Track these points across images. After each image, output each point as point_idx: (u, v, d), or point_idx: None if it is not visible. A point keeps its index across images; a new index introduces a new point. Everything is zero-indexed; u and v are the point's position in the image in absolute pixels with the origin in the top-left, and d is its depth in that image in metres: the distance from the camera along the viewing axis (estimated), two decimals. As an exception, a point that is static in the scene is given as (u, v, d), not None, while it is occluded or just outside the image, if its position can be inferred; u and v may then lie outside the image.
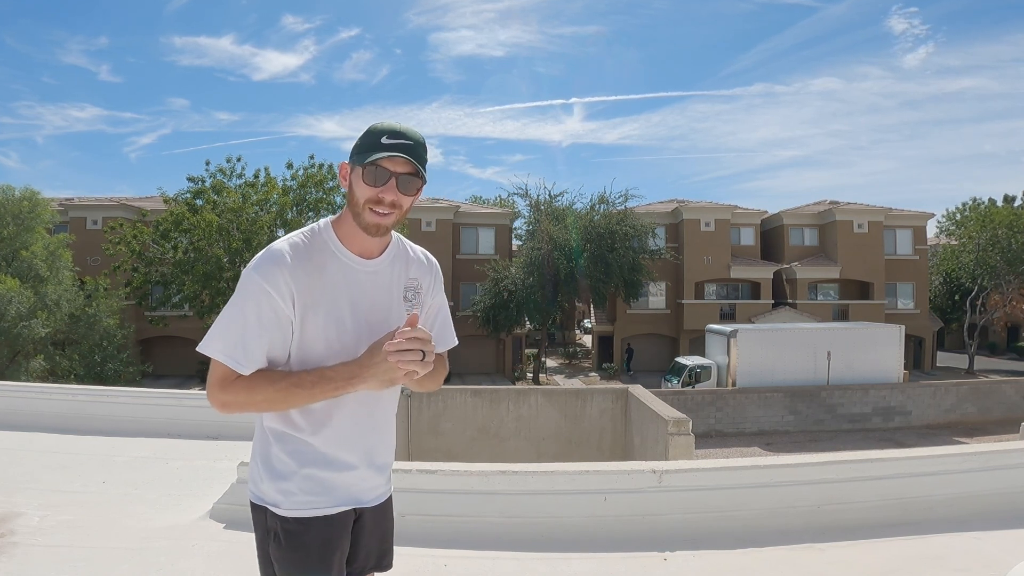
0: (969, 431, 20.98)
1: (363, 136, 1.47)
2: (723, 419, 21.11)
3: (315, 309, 1.47)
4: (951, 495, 3.64)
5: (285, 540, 1.54)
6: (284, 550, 1.54)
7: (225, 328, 1.45)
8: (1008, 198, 40.73)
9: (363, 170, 1.45)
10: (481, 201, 45.59)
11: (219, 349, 1.44)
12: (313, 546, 1.56)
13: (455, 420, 10.76)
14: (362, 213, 1.47)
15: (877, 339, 23.19)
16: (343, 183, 1.52)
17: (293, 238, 1.52)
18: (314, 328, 1.48)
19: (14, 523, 3.59)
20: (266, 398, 1.45)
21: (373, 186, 1.44)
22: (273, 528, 1.55)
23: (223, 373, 1.46)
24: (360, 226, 1.49)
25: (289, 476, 1.55)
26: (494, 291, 28.38)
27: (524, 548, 3.28)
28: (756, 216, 34.25)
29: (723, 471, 3.63)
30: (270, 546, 1.56)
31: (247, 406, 1.47)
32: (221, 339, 1.45)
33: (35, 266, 20.36)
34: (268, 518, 1.56)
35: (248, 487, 1.62)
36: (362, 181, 1.45)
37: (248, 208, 21.93)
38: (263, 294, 1.43)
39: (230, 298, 1.49)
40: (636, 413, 10.39)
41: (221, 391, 1.46)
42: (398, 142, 1.43)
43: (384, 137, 1.43)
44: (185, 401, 6.36)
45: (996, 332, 40.85)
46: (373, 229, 1.49)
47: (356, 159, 1.47)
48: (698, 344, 28.23)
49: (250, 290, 1.44)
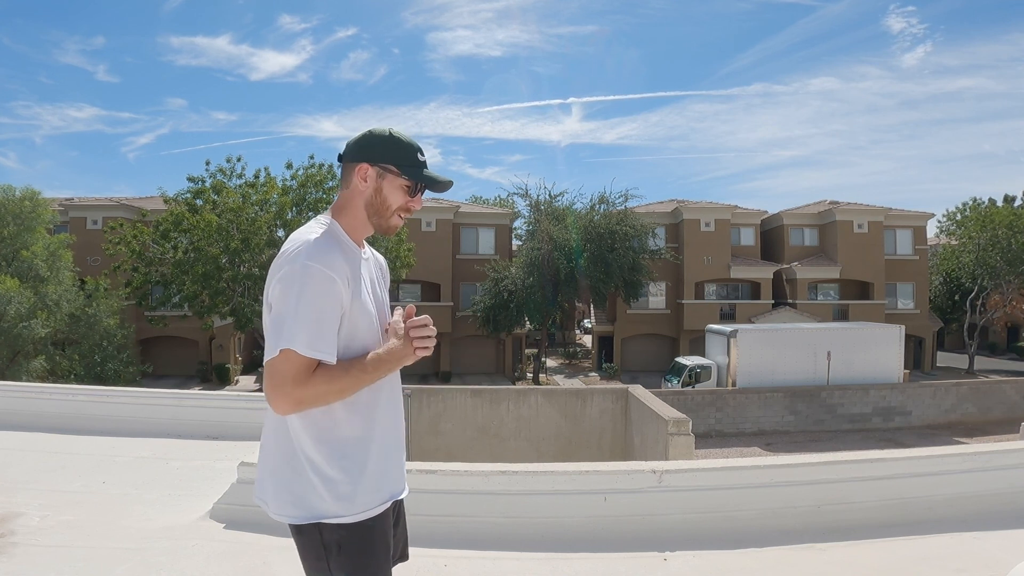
0: (969, 431, 20.97)
1: (392, 144, 1.58)
2: (723, 419, 21.10)
3: (358, 294, 1.54)
4: (951, 495, 3.64)
5: (352, 548, 1.51)
6: (351, 558, 1.51)
7: (304, 321, 1.42)
8: (1008, 198, 40.71)
9: (410, 183, 1.59)
10: (481, 201, 45.57)
11: (305, 343, 1.41)
12: (380, 546, 1.55)
13: (455, 420, 10.76)
14: (391, 218, 1.61)
15: (877, 339, 23.19)
16: (360, 184, 1.59)
17: (319, 229, 1.54)
18: (359, 311, 1.54)
19: (14, 523, 3.59)
20: (340, 387, 1.45)
21: (410, 197, 1.60)
22: (334, 541, 1.50)
23: (300, 367, 1.41)
24: (382, 228, 1.62)
25: (352, 479, 1.52)
26: (494, 291, 28.36)
27: (524, 548, 3.28)
28: (756, 216, 34.25)
29: (723, 471, 3.63)
30: (331, 562, 1.51)
31: (320, 399, 1.45)
32: (305, 332, 1.41)
33: (35, 266, 20.36)
34: (324, 533, 1.51)
35: (286, 509, 1.52)
36: (400, 190, 1.59)
37: (248, 208, 21.93)
38: (329, 282, 1.44)
39: (283, 292, 1.44)
40: (636, 413, 10.39)
41: (298, 387, 1.41)
42: (426, 159, 1.61)
43: (418, 154, 1.60)
44: (185, 401, 6.37)
45: (996, 332, 40.86)
46: (393, 230, 1.64)
47: (399, 169, 1.58)
48: (698, 344, 28.23)
49: (316, 279, 1.43)
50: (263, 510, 1.58)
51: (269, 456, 1.56)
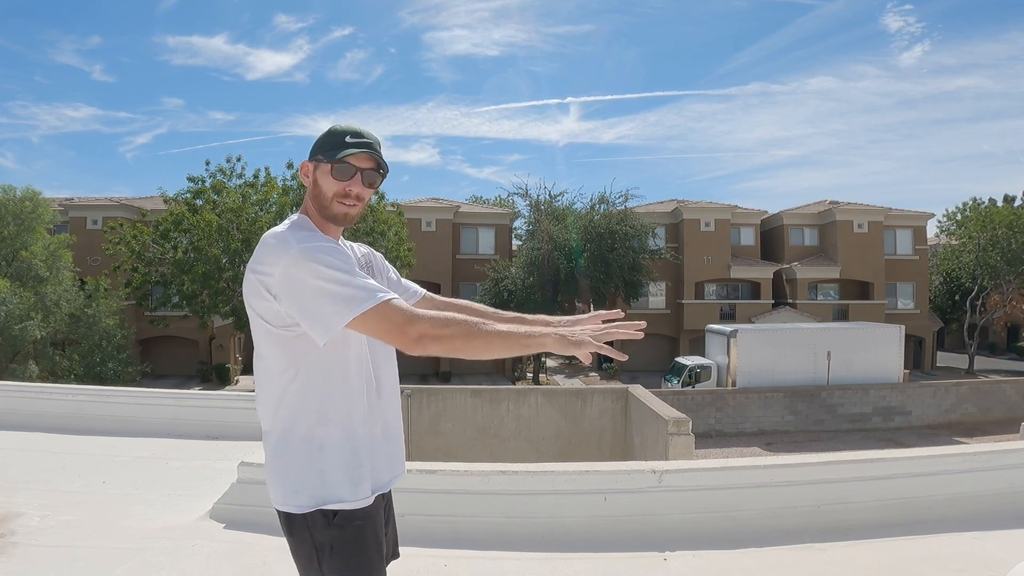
0: (969, 431, 20.97)
1: (325, 136, 1.58)
2: (723, 419, 21.10)
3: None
4: (951, 495, 3.64)
5: (343, 549, 1.48)
6: (343, 559, 1.47)
7: (350, 276, 1.39)
8: (1008, 198, 40.71)
9: (332, 166, 1.55)
10: (481, 201, 45.55)
11: (365, 299, 1.37)
12: (372, 546, 1.53)
13: (455, 420, 10.75)
14: (330, 206, 1.57)
15: (877, 339, 23.19)
16: (305, 180, 1.62)
17: (288, 223, 1.54)
18: None
19: (14, 523, 3.59)
20: (462, 332, 1.38)
21: (341, 180, 1.55)
22: (326, 542, 1.47)
23: (394, 313, 1.37)
24: (328, 217, 1.59)
25: (359, 460, 1.52)
26: (494, 291, 28.36)
27: (524, 548, 3.28)
28: (756, 216, 34.26)
29: (723, 471, 3.63)
30: (322, 564, 1.48)
31: (442, 342, 1.37)
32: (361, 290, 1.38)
33: (34, 266, 20.35)
34: (315, 534, 1.47)
35: (290, 498, 1.50)
36: (330, 176, 1.56)
37: (248, 208, 21.93)
38: (332, 244, 1.46)
39: (301, 274, 1.39)
40: (636, 413, 10.38)
41: (409, 323, 1.37)
42: (361, 140, 1.56)
43: (348, 137, 1.56)
44: (185, 401, 6.37)
45: (996, 332, 40.87)
46: (341, 219, 1.59)
47: (323, 156, 1.56)
48: (698, 344, 28.24)
49: (322, 248, 1.42)
50: (269, 504, 1.56)
51: (272, 446, 1.55)
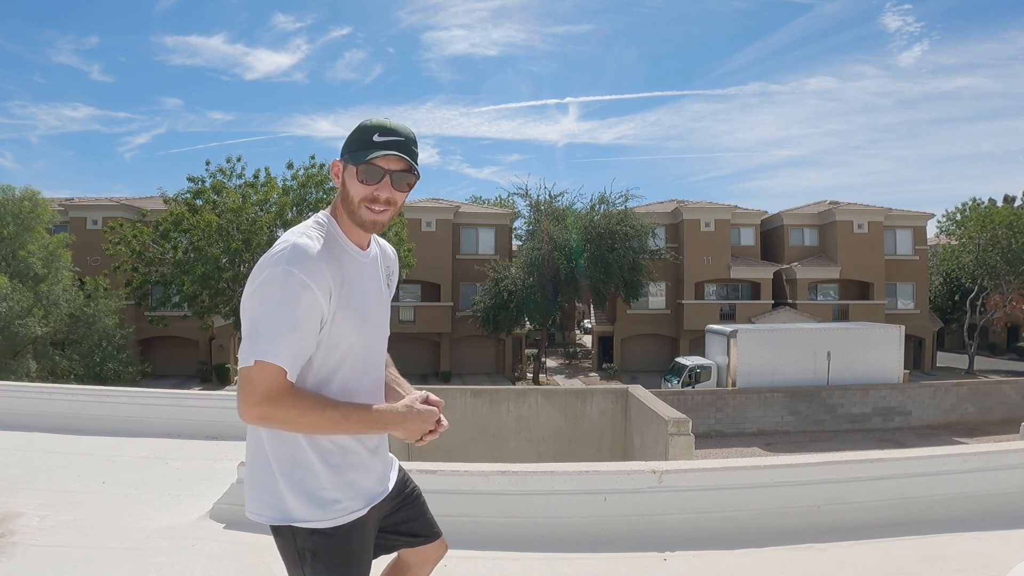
0: (969, 431, 20.96)
1: (354, 133, 1.46)
2: (723, 419, 21.10)
3: (344, 303, 1.44)
4: (951, 495, 3.64)
5: (326, 557, 1.44)
6: (326, 566, 1.45)
7: (279, 331, 1.32)
8: (1008, 198, 40.74)
9: (357, 169, 1.43)
10: (481, 201, 45.56)
11: (285, 356, 1.32)
12: (357, 554, 1.49)
13: (455, 420, 10.75)
14: (358, 211, 1.46)
15: (877, 339, 23.18)
16: (335, 180, 1.51)
17: (308, 231, 1.44)
18: (343, 322, 1.44)
19: (14, 523, 3.59)
20: (311, 421, 1.36)
21: (368, 184, 1.43)
22: (307, 548, 1.44)
23: (274, 383, 1.32)
24: (356, 223, 1.48)
25: (326, 484, 1.45)
26: (494, 291, 28.35)
27: (524, 548, 3.28)
28: (756, 216, 34.25)
29: (723, 471, 3.63)
30: (305, 569, 1.45)
31: (287, 424, 1.36)
32: (284, 343, 1.32)
33: (32, 265, 20.33)
34: (298, 540, 1.45)
35: (260, 509, 1.48)
36: (356, 180, 1.44)
37: (248, 208, 21.93)
38: (306, 289, 1.33)
39: (262, 298, 1.35)
40: (636, 413, 10.38)
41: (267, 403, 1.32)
42: (390, 139, 1.42)
43: (376, 135, 1.42)
44: (185, 401, 6.36)
45: (996, 332, 40.84)
46: (370, 226, 1.48)
47: (349, 157, 1.45)
48: (698, 344, 28.22)
49: (293, 288, 1.33)
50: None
51: (248, 456, 1.53)
